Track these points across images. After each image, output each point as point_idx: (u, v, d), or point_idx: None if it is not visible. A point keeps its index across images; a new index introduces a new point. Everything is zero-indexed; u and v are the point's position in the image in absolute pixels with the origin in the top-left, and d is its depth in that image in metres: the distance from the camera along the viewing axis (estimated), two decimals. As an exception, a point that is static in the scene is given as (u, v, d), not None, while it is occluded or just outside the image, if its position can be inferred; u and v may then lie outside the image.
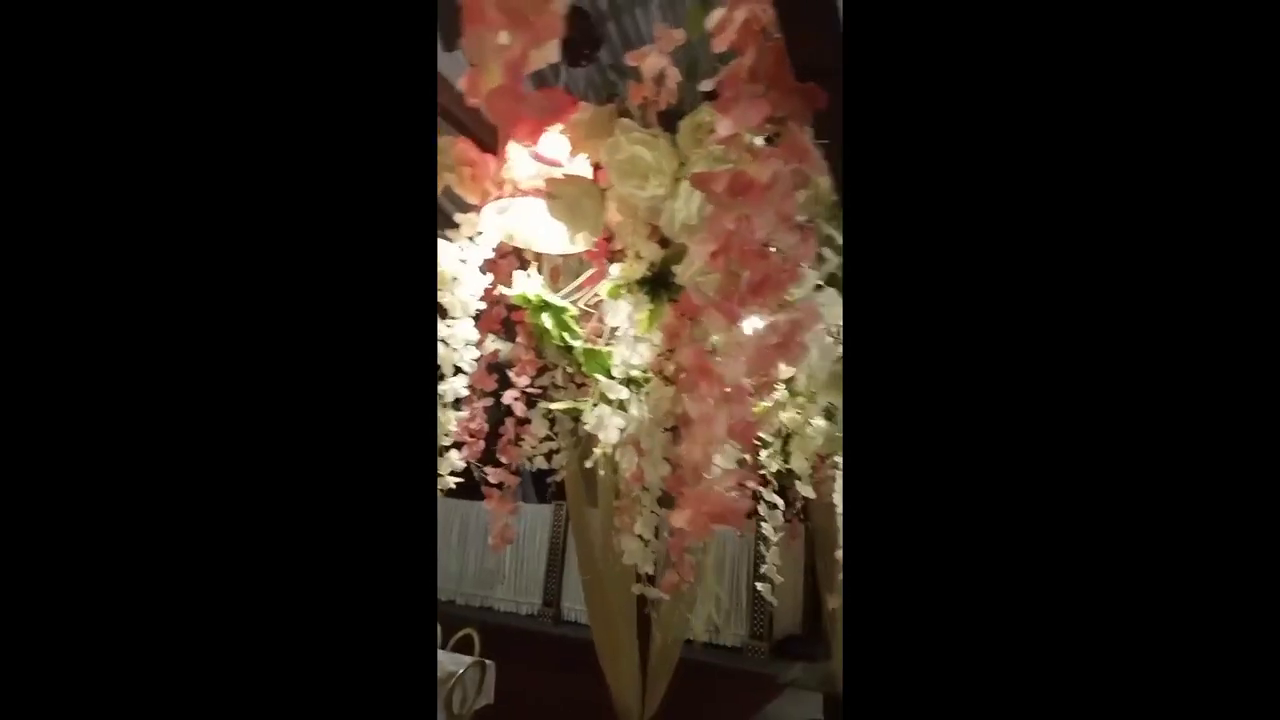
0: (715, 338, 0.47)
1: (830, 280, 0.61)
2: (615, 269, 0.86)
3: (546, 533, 7.37)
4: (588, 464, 0.98)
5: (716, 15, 0.47)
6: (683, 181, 0.60)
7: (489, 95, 0.37)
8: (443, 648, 3.76)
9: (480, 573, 7.66)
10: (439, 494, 0.90)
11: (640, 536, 0.84)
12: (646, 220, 0.70)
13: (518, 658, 4.31)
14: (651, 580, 0.88)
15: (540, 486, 6.04)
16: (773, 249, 0.45)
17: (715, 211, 0.43)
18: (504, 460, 1.10)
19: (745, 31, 0.46)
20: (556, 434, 1.27)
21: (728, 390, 0.44)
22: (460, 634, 3.83)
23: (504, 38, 0.36)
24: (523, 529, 7.45)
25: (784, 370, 1.31)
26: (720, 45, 0.46)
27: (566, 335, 0.95)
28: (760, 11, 0.44)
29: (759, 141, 0.46)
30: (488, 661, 3.50)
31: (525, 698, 4.15)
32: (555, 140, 0.87)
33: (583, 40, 1.00)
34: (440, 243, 0.92)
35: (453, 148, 0.89)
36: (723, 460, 0.90)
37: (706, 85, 0.48)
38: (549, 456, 1.20)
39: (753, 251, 0.42)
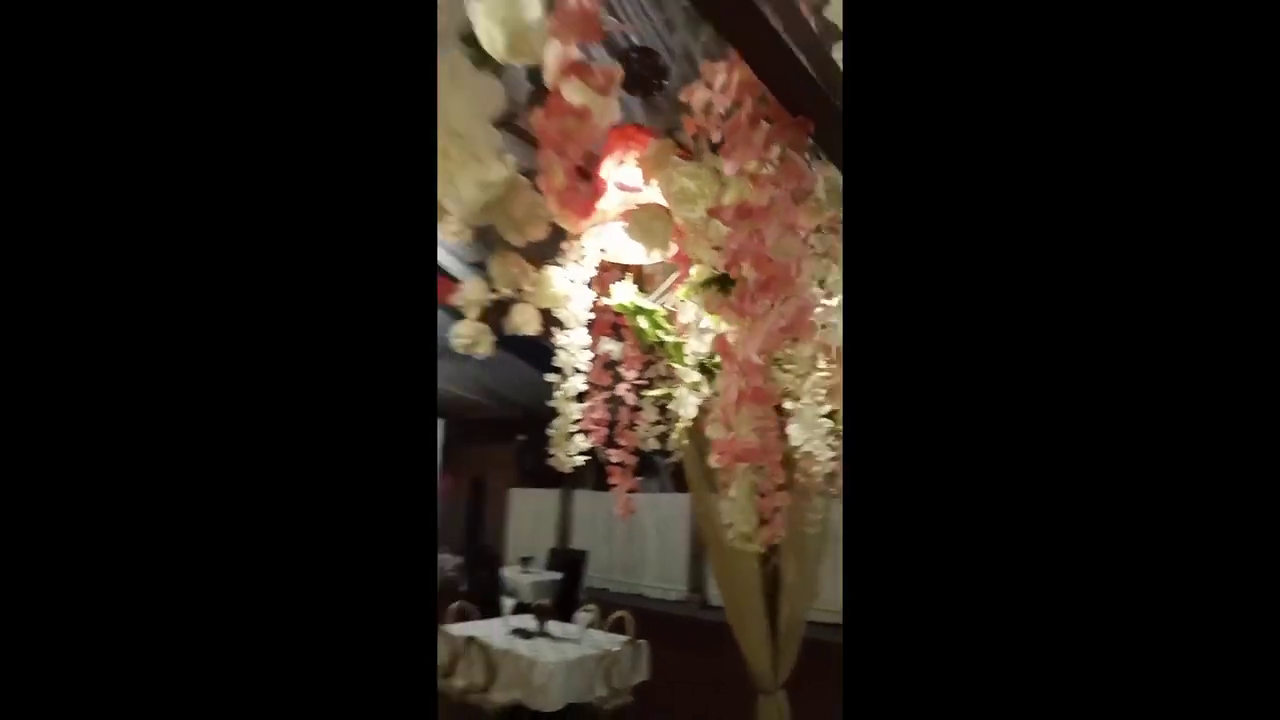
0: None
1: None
2: (694, 270, 1.01)
3: (687, 521, 7.59)
4: (672, 437, 1.14)
5: (720, 77, 0.60)
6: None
7: (556, 194, 0.56)
8: (599, 628, 4.09)
9: (628, 562, 8.06)
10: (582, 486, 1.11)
11: (735, 499, 0.98)
12: (704, 233, 0.85)
13: (668, 639, 4.55)
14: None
15: (675, 472, 6.30)
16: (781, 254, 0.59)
17: (731, 232, 0.57)
18: (622, 443, 1.30)
19: (742, 88, 0.59)
20: (669, 419, 1.45)
21: (741, 364, 0.58)
22: (615, 615, 4.15)
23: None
24: (663, 518, 7.74)
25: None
26: (724, 101, 0.60)
27: (660, 332, 1.12)
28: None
29: (767, 170, 0.60)
30: (641, 641, 3.77)
31: (677, 675, 4.38)
32: (633, 172, 1.05)
33: (651, 74, 1.16)
34: (552, 268, 1.13)
35: (554, 190, 1.10)
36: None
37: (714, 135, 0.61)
38: (661, 439, 1.38)
39: (762, 257, 0.56)
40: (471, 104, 0.41)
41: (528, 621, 3.97)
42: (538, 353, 1.44)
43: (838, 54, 0.61)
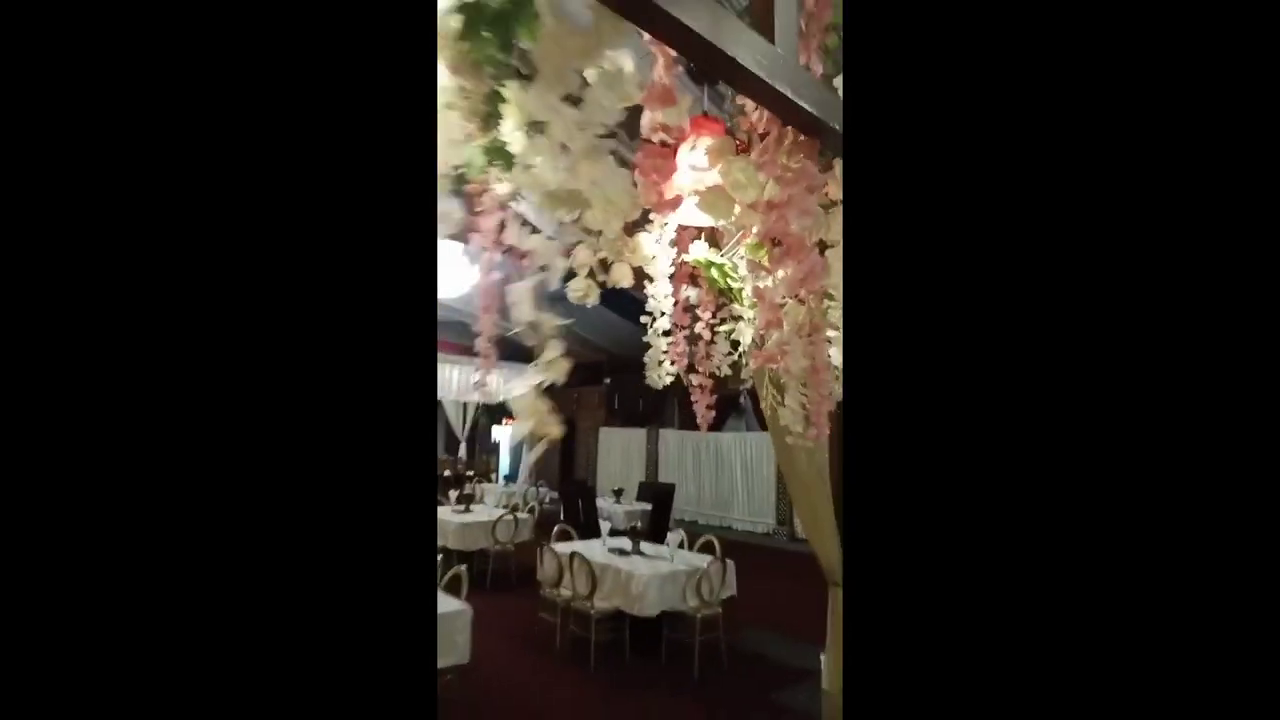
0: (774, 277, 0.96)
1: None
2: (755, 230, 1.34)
3: (774, 458, 7.96)
4: (733, 357, 1.51)
5: (754, 114, 0.91)
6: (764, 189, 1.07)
7: (647, 203, 0.91)
8: (690, 549, 4.58)
9: (716, 496, 8.60)
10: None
11: (789, 406, 1.33)
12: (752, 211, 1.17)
13: (756, 566, 5.00)
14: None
15: (754, 407, 6.64)
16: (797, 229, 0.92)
17: (764, 217, 0.91)
18: (700, 370, 1.67)
19: (770, 120, 0.91)
20: (738, 350, 1.81)
21: (768, 304, 0.93)
22: (703, 540, 4.63)
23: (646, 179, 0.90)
24: (750, 456, 8.16)
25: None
26: (759, 128, 0.92)
27: (728, 280, 1.46)
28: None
29: (789, 174, 0.92)
30: (729, 560, 4.22)
31: (764, 593, 4.85)
32: (702, 157, 1.38)
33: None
34: (642, 235, 1.49)
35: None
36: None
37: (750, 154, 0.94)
38: (734, 367, 1.74)
39: (784, 232, 0.89)
40: (619, 184, 0.73)
41: (623, 542, 4.54)
42: (622, 302, 1.82)
43: (837, 83, 0.90)
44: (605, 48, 0.72)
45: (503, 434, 10.54)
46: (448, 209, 0.82)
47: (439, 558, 3.60)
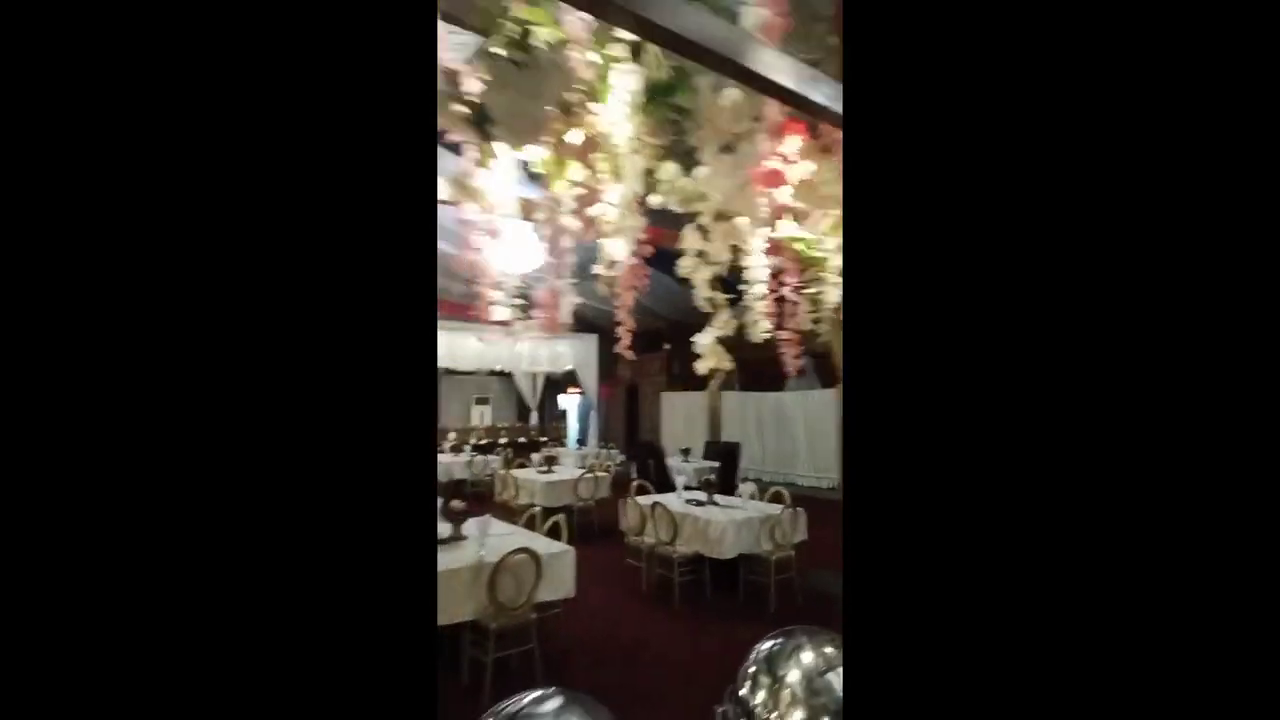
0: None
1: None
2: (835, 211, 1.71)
3: (836, 413, 8.21)
4: (815, 314, 1.89)
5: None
6: (847, 185, 1.44)
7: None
8: (760, 499, 4.98)
9: (780, 453, 8.95)
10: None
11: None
12: (832, 198, 1.54)
13: (823, 517, 5.36)
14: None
15: (816, 368, 6.93)
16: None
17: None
18: (788, 327, 2.05)
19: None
20: (819, 309, 2.19)
21: None
22: (771, 491, 5.02)
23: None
24: (813, 413, 8.46)
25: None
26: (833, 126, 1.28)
27: (812, 251, 1.85)
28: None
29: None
30: (799, 509, 4.62)
31: (831, 541, 5.23)
32: (794, 152, 1.75)
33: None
34: (738, 218, 1.87)
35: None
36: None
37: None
38: (815, 322, 2.11)
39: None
40: (758, 202, 1.10)
41: (698, 494, 5.00)
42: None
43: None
44: (748, 113, 1.10)
45: (569, 402, 11.15)
46: (635, 223, 1.22)
47: (537, 510, 4.13)
